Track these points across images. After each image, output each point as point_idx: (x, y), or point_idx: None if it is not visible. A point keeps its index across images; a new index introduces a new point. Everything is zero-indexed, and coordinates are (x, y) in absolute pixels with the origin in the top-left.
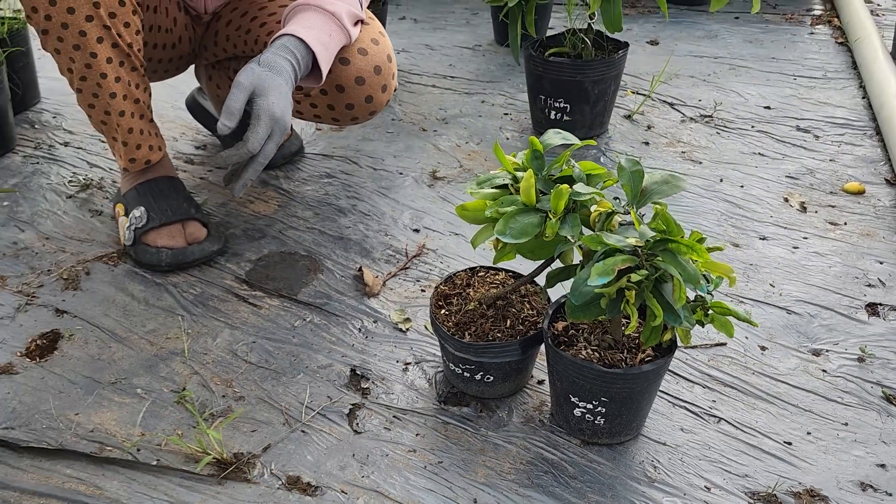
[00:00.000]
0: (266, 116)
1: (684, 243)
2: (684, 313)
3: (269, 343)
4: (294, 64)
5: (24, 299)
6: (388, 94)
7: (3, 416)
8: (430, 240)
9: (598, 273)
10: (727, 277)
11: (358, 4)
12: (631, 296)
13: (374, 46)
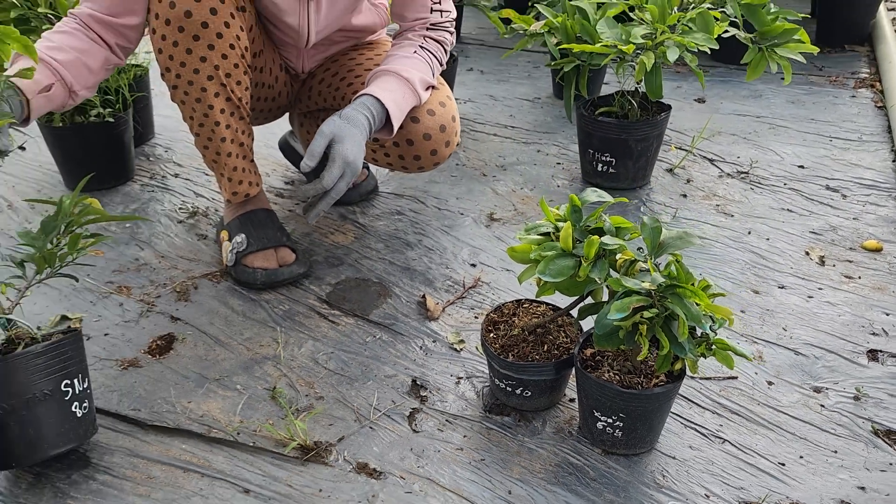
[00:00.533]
0: (340, 160)
1: (689, 289)
2: (689, 346)
3: (344, 354)
4: (370, 119)
5: (146, 307)
6: (451, 149)
7: (131, 400)
8: (484, 273)
9: (616, 309)
10: (727, 318)
11: (430, 73)
12: (643, 329)
13: (440, 108)
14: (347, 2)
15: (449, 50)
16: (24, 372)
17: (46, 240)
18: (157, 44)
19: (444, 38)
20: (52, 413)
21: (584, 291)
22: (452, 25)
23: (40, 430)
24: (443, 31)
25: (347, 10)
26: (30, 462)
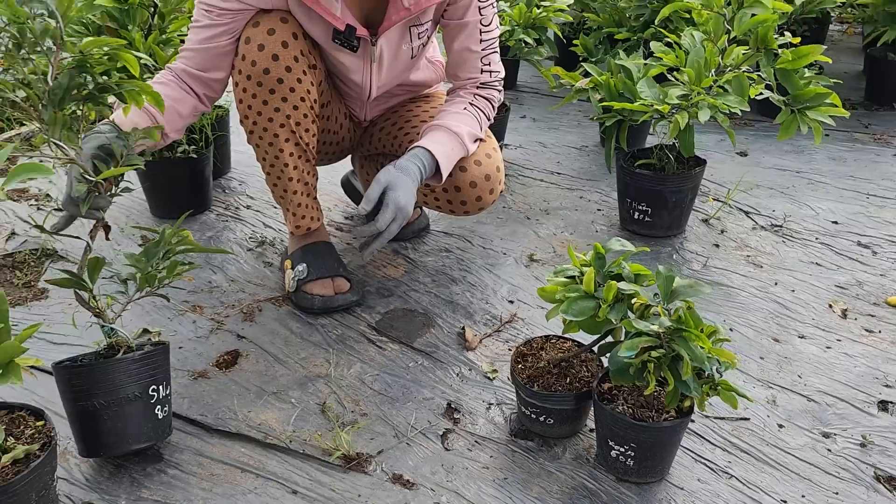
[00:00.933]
0: (393, 205)
1: (694, 333)
2: (693, 385)
3: (388, 376)
4: (421, 168)
5: (216, 325)
6: (495, 196)
7: (199, 407)
8: (520, 310)
9: (626, 348)
10: (730, 362)
11: (478, 128)
12: (651, 367)
13: (486, 159)
14: (406, 62)
15: (496, 106)
16: (120, 374)
17: (148, 263)
18: (239, 95)
19: (493, 96)
20: (139, 412)
21: (604, 331)
22: (501, 84)
23: (127, 426)
24: (491, 90)
25: (406, 69)
26: (114, 453)
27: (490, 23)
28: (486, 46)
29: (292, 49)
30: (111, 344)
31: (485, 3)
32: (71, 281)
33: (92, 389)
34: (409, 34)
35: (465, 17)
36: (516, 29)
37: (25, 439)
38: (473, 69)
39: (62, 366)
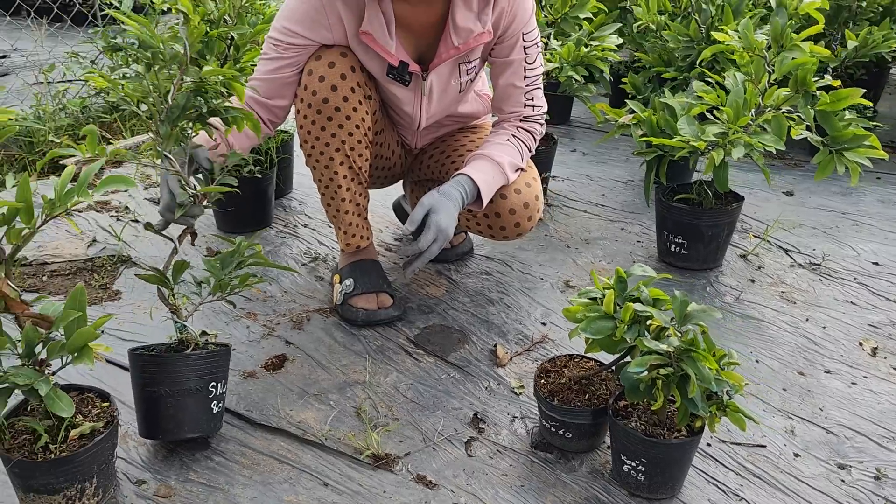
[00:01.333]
0: (434, 227)
1: (702, 354)
2: (701, 403)
3: (421, 386)
4: (463, 194)
5: (267, 331)
6: (533, 223)
7: (247, 403)
8: (552, 332)
9: (635, 364)
10: (739, 385)
11: (520, 158)
12: (659, 384)
13: (526, 188)
14: (454, 96)
15: (538, 139)
16: (187, 368)
17: (223, 271)
18: (300, 120)
19: (535, 129)
20: (197, 405)
21: (621, 350)
22: (543, 118)
23: (185, 415)
24: (534, 123)
25: (454, 102)
26: (170, 438)
27: (534, 61)
28: (529, 83)
29: (350, 81)
30: (181, 339)
31: (529, 43)
32: (157, 278)
33: (160, 378)
34: (457, 70)
35: (511, 55)
36: (565, 66)
37: (92, 417)
38: (517, 104)
39: (137, 353)
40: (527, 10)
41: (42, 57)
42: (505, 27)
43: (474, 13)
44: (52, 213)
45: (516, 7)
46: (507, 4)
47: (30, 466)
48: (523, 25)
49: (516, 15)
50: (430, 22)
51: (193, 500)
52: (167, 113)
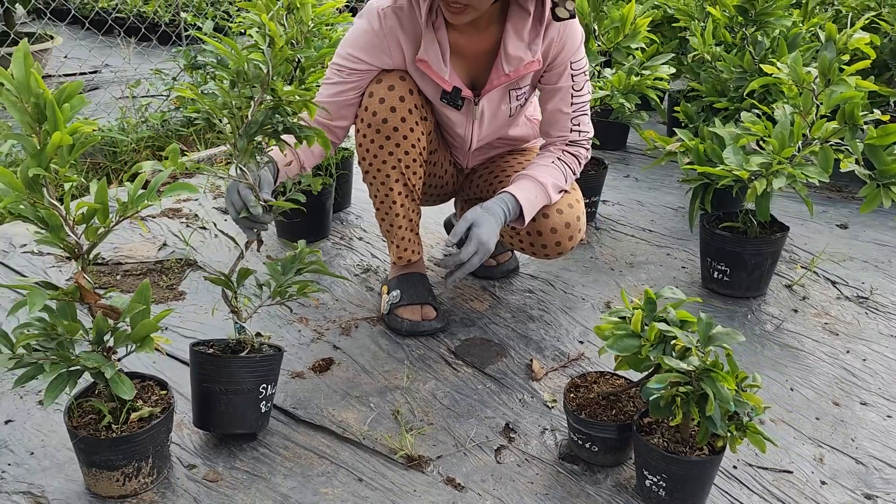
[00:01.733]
0: (476, 240)
1: (721, 374)
2: (720, 423)
3: (457, 394)
4: (505, 210)
5: (316, 335)
6: (574, 242)
7: (293, 401)
8: (589, 350)
9: (655, 380)
10: (758, 407)
11: (563, 180)
12: (678, 401)
13: (568, 209)
14: (505, 120)
15: (583, 162)
16: (242, 370)
17: (283, 276)
18: (359, 139)
19: (580, 153)
20: (247, 403)
21: (646, 367)
22: (588, 143)
23: (236, 412)
24: (579, 147)
25: (504, 126)
26: (220, 432)
27: (581, 88)
28: (576, 109)
29: (407, 103)
30: (240, 340)
31: (577, 71)
32: (222, 281)
33: (216, 376)
34: (508, 96)
35: (559, 82)
36: (616, 94)
37: (150, 403)
38: (564, 128)
39: (197, 350)
40: (576, 40)
41: (129, 73)
42: (554, 56)
43: (525, 43)
44: (125, 215)
45: (566, 37)
46: (557, 35)
47: (93, 443)
48: (572, 54)
49: (565, 44)
50: (482, 50)
51: (238, 486)
52: (245, 128)
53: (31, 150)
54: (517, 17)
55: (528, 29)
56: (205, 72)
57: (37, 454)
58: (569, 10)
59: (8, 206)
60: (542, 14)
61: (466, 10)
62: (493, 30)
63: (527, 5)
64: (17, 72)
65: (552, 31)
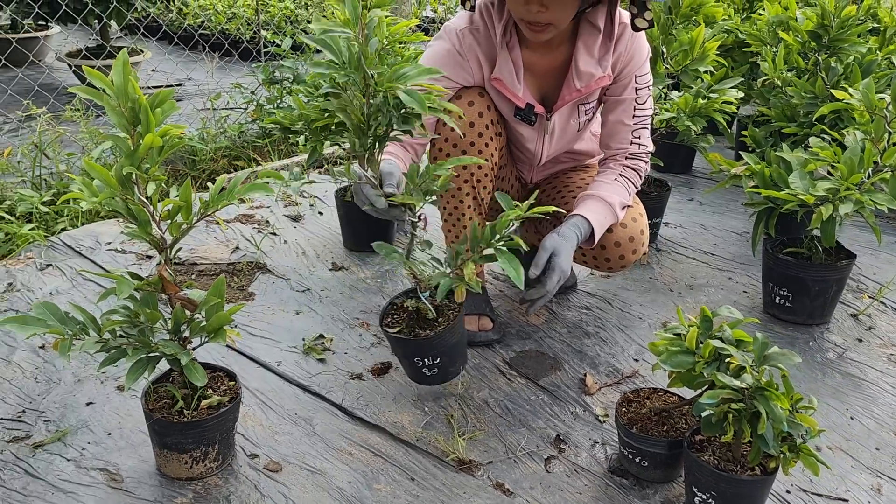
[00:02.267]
0: (558, 270)
1: (774, 393)
2: (772, 442)
3: (510, 403)
4: (578, 235)
5: (377, 340)
6: (637, 256)
7: (351, 400)
8: (643, 368)
9: (707, 396)
10: (813, 428)
11: (627, 196)
12: (730, 418)
13: (631, 223)
14: (573, 135)
15: (643, 176)
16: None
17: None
18: (435, 153)
19: (639, 167)
20: (417, 368)
21: (699, 385)
22: (647, 157)
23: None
24: (638, 161)
25: (572, 140)
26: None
27: (644, 102)
28: (637, 122)
29: (485, 119)
30: (417, 307)
31: (641, 85)
32: (400, 256)
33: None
34: (577, 111)
35: (623, 94)
36: (682, 116)
37: (220, 392)
38: (624, 140)
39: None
40: (643, 53)
41: (211, 86)
42: (621, 68)
43: (595, 59)
44: (206, 212)
45: (633, 50)
46: (625, 48)
47: (166, 425)
48: (637, 68)
49: (633, 57)
50: (554, 67)
51: (296, 477)
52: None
53: (126, 150)
54: (587, 34)
55: (599, 45)
56: (281, 86)
57: (114, 435)
58: (647, 20)
59: (103, 200)
60: (612, 30)
61: (548, 29)
62: (564, 47)
63: (597, 22)
64: (116, 79)
65: (620, 45)
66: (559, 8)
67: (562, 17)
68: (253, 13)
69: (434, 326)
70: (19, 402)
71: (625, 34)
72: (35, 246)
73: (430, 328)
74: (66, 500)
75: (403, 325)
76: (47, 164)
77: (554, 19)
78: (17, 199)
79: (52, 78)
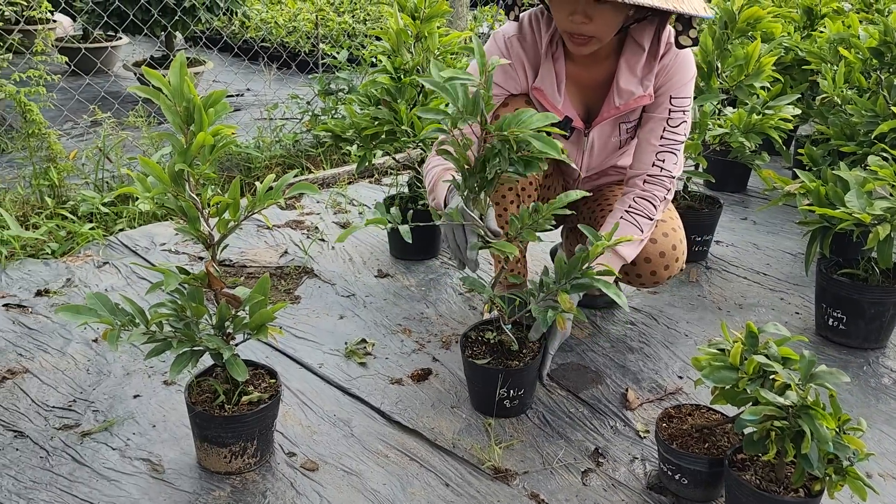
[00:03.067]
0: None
1: (821, 413)
2: (817, 463)
3: (549, 415)
4: (578, 294)
5: (418, 346)
6: (671, 271)
7: (390, 404)
8: (687, 386)
9: (750, 412)
10: (861, 450)
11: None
12: (773, 436)
13: (662, 238)
14: (613, 150)
15: (659, 204)
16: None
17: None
18: None
19: (654, 195)
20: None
21: (743, 402)
22: (670, 182)
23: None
24: (656, 186)
25: (613, 156)
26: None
27: (676, 126)
28: (665, 144)
29: None
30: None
31: (676, 108)
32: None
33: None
34: (618, 129)
35: (655, 112)
36: (735, 132)
37: (260, 389)
38: (646, 162)
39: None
40: (684, 74)
41: (268, 97)
42: (659, 85)
43: (638, 78)
44: (252, 210)
45: (675, 69)
46: (664, 68)
47: (207, 418)
48: (675, 89)
49: (673, 77)
50: (597, 81)
51: (331, 476)
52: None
53: (179, 148)
54: (631, 52)
55: (642, 64)
56: (336, 97)
57: (158, 427)
58: (692, 38)
59: (155, 195)
60: (657, 50)
61: (591, 42)
62: (608, 62)
63: (641, 41)
64: (173, 79)
65: (665, 60)
66: (603, 21)
67: (605, 31)
68: (312, 27)
69: (520, 357)
70: (71, 391)
71: (669, 53)
72: (94, 244)
73: (517, 359)
74: (109, 487)
75: (489, 357)
76: (110, 168)
77: (597, 32)
78: (79, 200)
79: (119, 86)
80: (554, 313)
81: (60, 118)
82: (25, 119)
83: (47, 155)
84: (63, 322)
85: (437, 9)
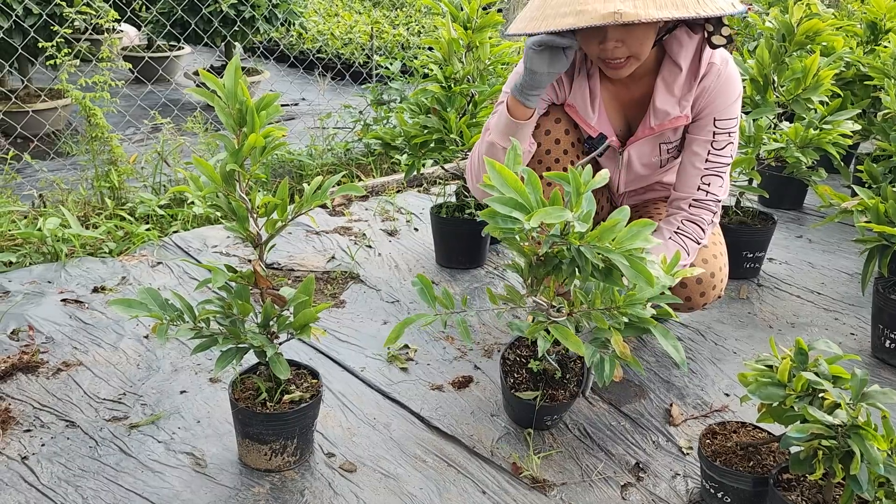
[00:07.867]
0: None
1: (872, 433)
2: (866, 485)
3: (590, 427)
4: None
5: (460, 354)
6: (708, 298)
7: (430, 410)
8: (733, 404)
9: (796, 429)
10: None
11: (686, 254)
12: (820, 455)
13: (701, 264)
14: (654, 169)
15: (707, 228)
16: None
17: None
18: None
19: (702, 219)
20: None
21: (790, 420)
22: (716, 206)
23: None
24: (703, 210)
25: (653, 174)
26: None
27: (722, 149)
28: (709, 167)
29: (571, 136)
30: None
31: (721, 130)
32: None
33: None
34: (658, 149)
35: (699, 135)
36: (791, 146)
37: (302, 389)
38: (691, 186)
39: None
40: (728, 96)
41: (322, 106)
42: (702, 107)
43: (675, 98)
44: (299, 211)
45: (718, 90)
46: (711, 85)
47: (249, 415)
48: (719, 111)
49: (716, 98)
50: (635, 99)
51: (369, 478)
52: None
53: (231, 148)
54: (668, 71)
55: (681, 83)
56: (388, 107)
57: (202, 423)
58: (725, 35)
59: (206, 194)
60: (697, 69)
61: (629, 62)
62: (646, 80)
63: (679, 60)
64: (227, 82)
65: (707, 81)
66: (636, 41)
67: (641, 50)
68: (367, 39)
69: (563, 385)
70: (121, 385)
71: (711, 73)
72: (149, 245)
73: (560, 387)
74: (153, 478)
75: (530, 385)
76: (167, 172)
77: (633, 52)
78: (137, 202)
79: (179, 93)
80: (610, 365)
81: (123, 123)
82: (90, 123)
83: (109, 158)
84: (117, 318)
85: (489, 19)
